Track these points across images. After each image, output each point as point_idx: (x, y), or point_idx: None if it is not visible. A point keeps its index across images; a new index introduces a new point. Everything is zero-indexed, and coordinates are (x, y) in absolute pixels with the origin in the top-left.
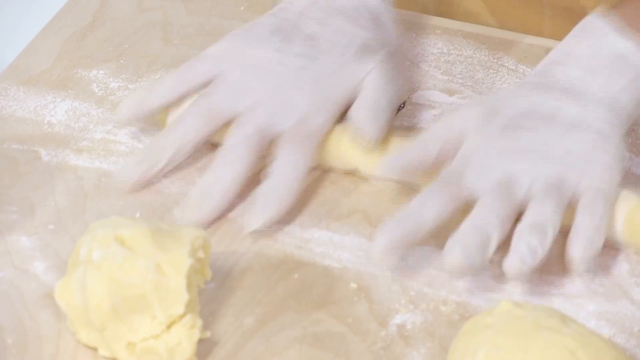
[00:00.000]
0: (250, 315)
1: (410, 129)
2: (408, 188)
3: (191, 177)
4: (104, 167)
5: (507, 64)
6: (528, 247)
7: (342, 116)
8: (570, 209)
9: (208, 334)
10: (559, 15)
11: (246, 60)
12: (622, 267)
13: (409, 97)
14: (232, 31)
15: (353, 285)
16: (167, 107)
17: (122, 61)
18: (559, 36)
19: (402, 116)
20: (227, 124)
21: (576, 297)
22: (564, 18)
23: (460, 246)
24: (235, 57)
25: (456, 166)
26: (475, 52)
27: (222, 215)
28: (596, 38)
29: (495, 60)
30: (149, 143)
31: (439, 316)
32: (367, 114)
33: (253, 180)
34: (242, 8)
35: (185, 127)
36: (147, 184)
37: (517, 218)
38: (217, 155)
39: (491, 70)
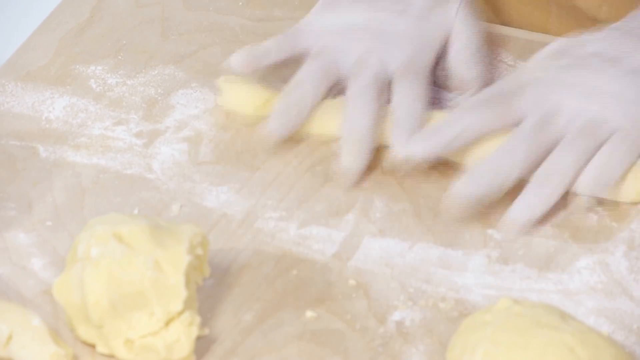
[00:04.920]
0: (248, 312)
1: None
2: (407, 186)
3: (189, 174)
4: (102, 163)
5: (505, 60)
6: (527, 202)
7: None
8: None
9: (206, 331)
10: (564, 13)
11: (342, 26)
12: (621, 263)
13: None
14: (316, 5)
15: (352, 282)
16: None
17: (120, 57)
18: (564, 34)
19: None
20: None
21: (575, 293)
22: (570, 16)
23: (472, 175)
24: (330, 27)
25: (509, 85)
26: None
27: None
28: None
29: (493, 56)
30: (277, 105)
31: (437, 313)
32: (469, 56)
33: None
34: (240, 3)
35: (303, 87)
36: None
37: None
38: (347, 107)
39: (490, 66)
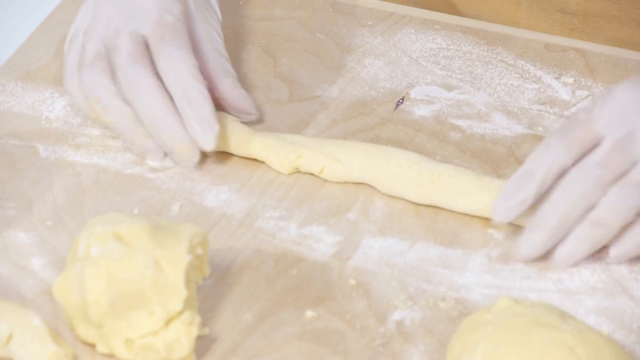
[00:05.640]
0: (248, 312)
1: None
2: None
3: (188, 174)
4: (102, 163)
5: (506, 59)
6: (577, 245)
7: None
8: None
9: (206, 331)
10: (534, 6)
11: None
12: (621, 263)
13: (407, 92)
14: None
15: (352, 282)
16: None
17: None
18: (534, 27)
19: (400, 112)
20: None
21: (575, 293)
22: (539, 9)
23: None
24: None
25: (587, 110)
26: (474, 47)
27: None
28: None
29: (494, 56)
30: None
31: (437, 312)
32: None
33: None
34: (240, 3)
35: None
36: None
37: None
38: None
39: (490, 66)
